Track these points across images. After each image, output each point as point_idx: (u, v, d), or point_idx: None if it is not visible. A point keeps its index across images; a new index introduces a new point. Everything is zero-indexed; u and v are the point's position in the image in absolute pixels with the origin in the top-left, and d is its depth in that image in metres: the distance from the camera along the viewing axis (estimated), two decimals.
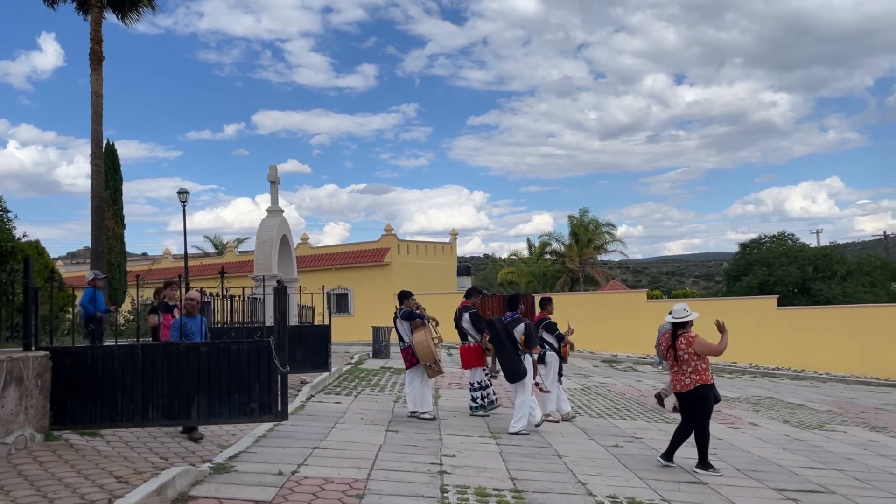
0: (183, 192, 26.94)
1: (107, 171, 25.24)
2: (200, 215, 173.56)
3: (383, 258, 34.17)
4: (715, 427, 11.56)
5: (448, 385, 14.84)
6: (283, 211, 17.47)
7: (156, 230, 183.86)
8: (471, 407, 10.76)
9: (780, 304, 28.32)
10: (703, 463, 7.82)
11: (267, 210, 17.31)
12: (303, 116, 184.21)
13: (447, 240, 40.14)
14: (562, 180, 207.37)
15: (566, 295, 34.17)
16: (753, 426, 12.01)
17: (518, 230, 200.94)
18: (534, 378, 9.60)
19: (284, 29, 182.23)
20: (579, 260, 49.52)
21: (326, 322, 13.11)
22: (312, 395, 11.29)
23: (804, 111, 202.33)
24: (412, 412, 10.11)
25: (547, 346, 10.77)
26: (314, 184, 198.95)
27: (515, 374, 9.39)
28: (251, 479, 6.01)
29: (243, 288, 14.02)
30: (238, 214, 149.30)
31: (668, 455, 8.03)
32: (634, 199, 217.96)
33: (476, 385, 10.73)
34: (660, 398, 13.41)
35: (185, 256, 28.73)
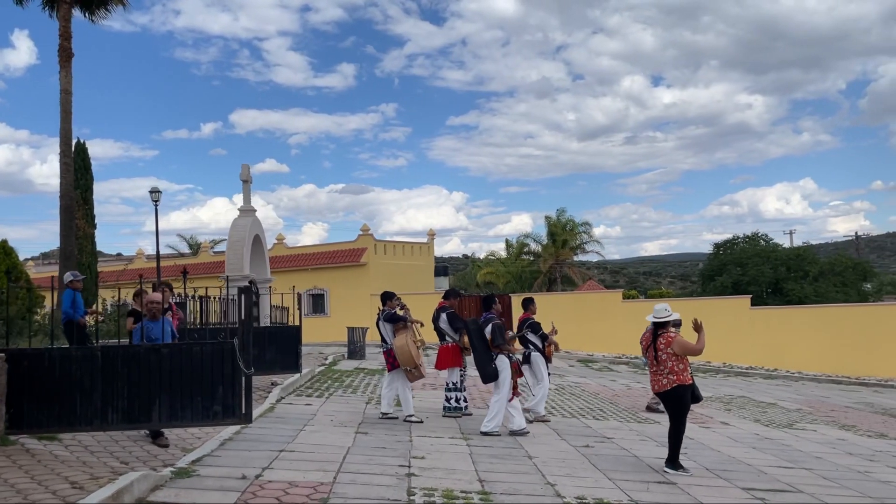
0: (155, 192, 26.58)
1: (77, 169, 24.79)
2: (177, 215, 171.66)
3: (360, 258, 33.99)
4: (687, 426, 11.61)
5: (422, 386, 14.73)
6: (255, 210, 17.29)
7: (131, 230, 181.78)
8: (444, 408, 10.71)
9: (754, 303, 28.60)
10: (673, 462, 7.81)
11: (239, 209, 17.11)
12: (281, 116, 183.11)
13: (425, 240, 40.06)
14: (541, 181, 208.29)
15: (542, 295, 34.20)
16: (725, 425, 12.07)
17: (497, 231, 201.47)
18: (514, 379, 9.56)
19: (262, 28, 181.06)
20: (556, 260, 49.77)
21: (298, 323, 12.94)
22: (283, 397, 11.14)
23: (779, 113, 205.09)
24: (384, 413, 10.02)
25: (531, 347, 10.75)
26: (292, 184, 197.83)
27: (485, 375, 9.44)
28: (213, 483, 5.89)
29: (218, 289, 13.84)
30: (215, 214, 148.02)
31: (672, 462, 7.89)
32: (612, 199, 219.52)
33: (451, 385, 10.69)
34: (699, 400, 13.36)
35: (158, 257, 28.34)
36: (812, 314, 26.30)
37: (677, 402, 7.76)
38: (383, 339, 10.17)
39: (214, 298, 17.09)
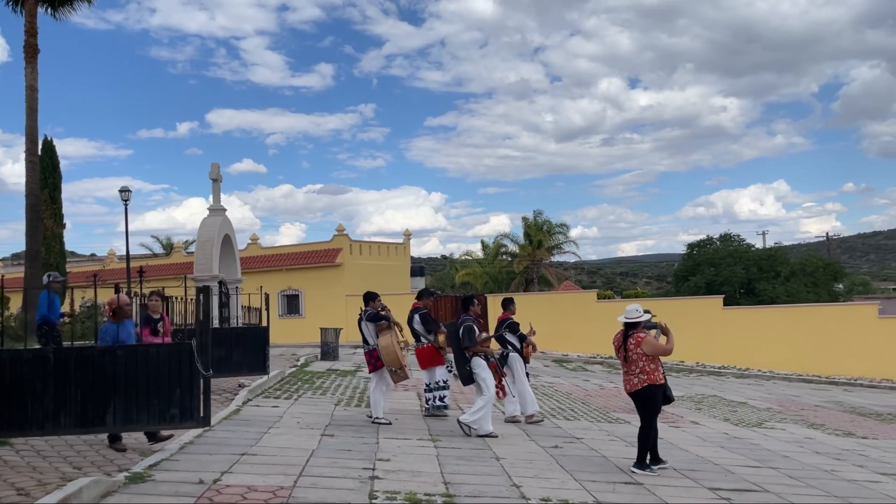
0: (125, 191, 26.14)
1: (44, 168, 24.32)
2: (152, 215, 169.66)
3: (335, 259, 33.75)
4: (658, 426, 11.63)
5: (393, 387, 14.62)
6: (225, 210, 17.03)
7: (105, 230, 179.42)
8: (431, 407, 10.72)
9: (726, 303, 28.83)
10: (641, 462, 7.79)
11: (209, 209, 16.85)
12: (258, 115, 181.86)
13: (401, 240, 39.92)
14: (519, 182, 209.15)
15: (518, 295, 34.13)
16: (695, 425, 12.10)
17: (476, 231, 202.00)
18: (496, 380, 9.50)
19: (239, 27, 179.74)
20: (532, 260, 49.89)
21: (266, 324, 12.75)
22: (250, 399, 10.96)
23: (753, 116, 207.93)
24: (374, 418, 9.88)
25: (509, 347, 10.71)
26: (269, 184, 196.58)
27: (461, 377, 9.45)
28: (168, 488, 5.73)
29: (184, 289, 13.61)
30: (191, 214, 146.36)
31: (655, 459, 7.92)
32: (590, 200, 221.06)
33: (435, 385, 10.69)
34: (670, 401, 13.40)
35: (128, 257, 27.89)
36: (783, 314, 26.57)
37: (648, 401, 7.77)
38: (365, 340, 10.02)
39: (178, 299, 16.84)
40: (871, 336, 24.69)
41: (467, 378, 9.34)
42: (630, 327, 7.81)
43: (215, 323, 14.97)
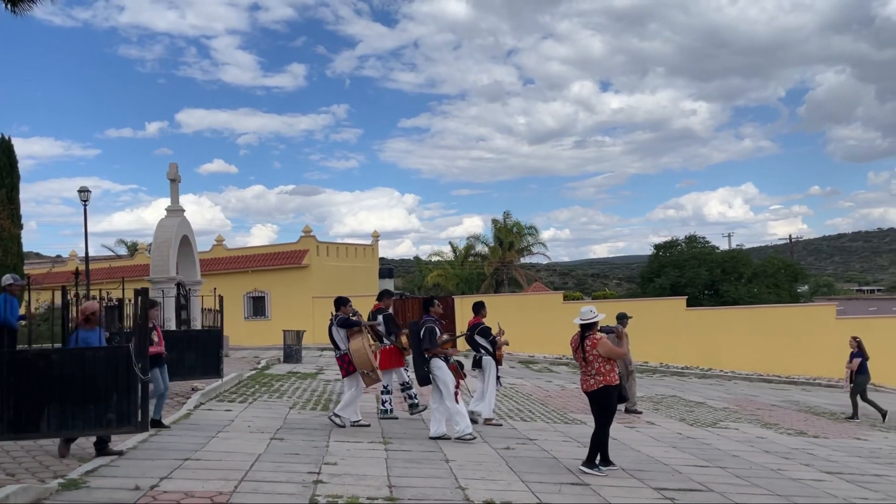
0: (84, 191, 25.66)
1: (1, 168, 23.79)
2: (120, 216, 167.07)
3: (301, 260, 33.51)
4: (613, 426, 11.68)
5: (365, 389, 14.54)
6: (184, 211, 16.77)
7: (72, 231, 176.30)
8: (380, 411, 10.79)
9: (690, 304, 29.17)
10: (590, 462, 7.83)
11: (167, 209, 16.59)
12: (229, 115, 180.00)
13: (369, 242, 39.77)
14: (492, 184, 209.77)
15: (485, 297, 34.18)
16: (650, 425, 12.20)
17: (449, 233, 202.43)
18: (457, 383, 9.48)
19: (210, 25, 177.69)
20: (501, 262, 50.08)
21: (220, 326, 12.60)
22: (202, 403, 10.81)
23: (722, 119, 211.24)
24: (353, 422, 9.85)
25: (482, 351, 10.78)
26: (241, 185, 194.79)
27: (418, 378, 9.46)
28: (102, 495, 5.62)
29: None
30: (160, 215, 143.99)
31: (605, 460, 7.97)
32: (562, 203, 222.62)
33: (384, 388, 10.68)
34: (626, 402, 13.52)
35: (87, 259, 27.38)
36: (744, 315, 26.96)
37: (604, 401, 7.88)
38: (336, 345, 9.95)
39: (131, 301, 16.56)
40: (830, 337, 25.13)
41: (424, 378, 9.36)
42: (586, 329, 7.90)
43: (172, 325, 14.76)
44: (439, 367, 9.32)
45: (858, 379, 15.23)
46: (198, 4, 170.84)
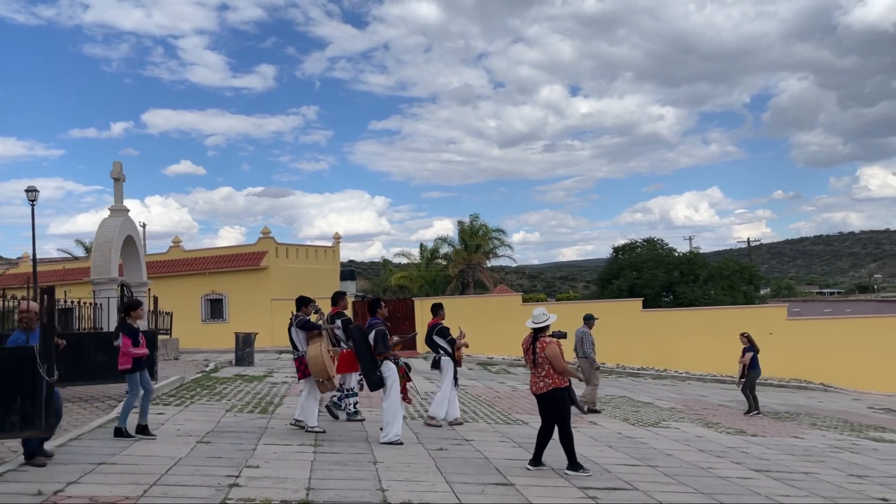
0: (32, 191, 25.06)
1: None
2: (84, 217, 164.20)
3: (260, 262, 33.14)
4: (553, 427, 11.74)
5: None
6: (128, 211, 16.42)
7: (35, 232, 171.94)
8: (347, 412, 10.68)
9: (648, 306, 29.48)
10: (573, 464, 7.86)
11: (110, 209, 16.23)
12: (197, 116, 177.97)
13: (331, 244, 39.52)
14: (462, 187, 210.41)
15: (445, 299, 34.21)
16: (592, 425, 12.26)
17: (419, 235, 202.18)
18: (402, 386, 9.40)
19: (177, 25, 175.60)
20: (467, 264, 50.14)
21: (156, 328, 12.36)
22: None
23: (688, 125, 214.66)
24: (295, 420, 9.74)
25: (441, 352, 10.77)
26: (208, 186, 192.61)
27: (370, 383, 9.31)
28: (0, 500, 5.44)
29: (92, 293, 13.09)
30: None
31: (537, 460, 8.05)
32: (532, 206, 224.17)
33: (348, 391, 10.64)
34: (579, 407, 13.69)
35: (35, 260, 26.73)
36: (698, 316, 27.33)
37: (553, 404, 7.95)
38: (294, 347, 9.80)
39: (86, 304, 16.22)
40: (781, 337, 25.59)
41: (377, 383, 9.22)
42: (538, 331, 7.94)
43: (112, 327, 14.44)
44: (390, 370, 9.25)
45: (750, 373, 15.57)
46: (165, 3, 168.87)
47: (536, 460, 8.12)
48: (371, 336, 9.18)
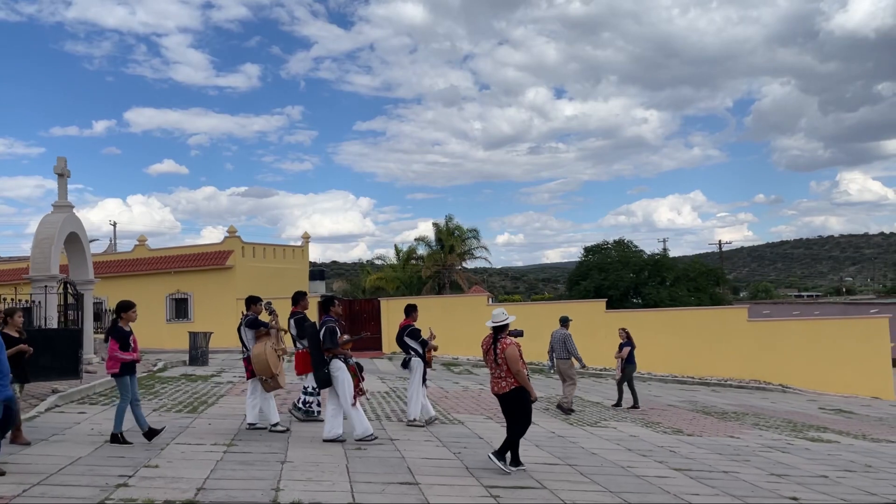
0: None
1: None
2: None
3: (225, 261, 32.86)
4: (488, 425, 11.69)
5: (241, 391, 14.26)
6: (72, 207, 16.16)
7: (13, 232, 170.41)
8: (304, 412, 10.67)
9: (614, 307, 29.53)
10: (502, 455, 8.00)
11: (53, 205, 15.96)
12: (180, 115, 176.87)
13: (300, 243, 39.28)
14: (447, 188, 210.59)
15: (410, 299, 34.10)
16: (533, 424, 12.19)
17: (404, 237, 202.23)
18: (356, 386, 9.31)
19: (161, 23, 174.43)
20: (443, 266, 50.10)
21: (80, 325, 12.16)
22: (58, 406, 10.40)
23: (672, 128, 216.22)
24: (250, 424, 9.62)
25: (412, 352, 10.79)
26: (191, 185, 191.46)
27: (318, 380, 9.32)
28: None
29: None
30: (106, 215, 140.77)
31: (515, 461, 8.11)
32: (517, 208, 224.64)
33: (310, 389, 10.61)
34: (562, 408, 14.01)
35: None
36: (660, 317, 27.39)
37: (517, 402, 8.02)
38: (244, 346, 9.72)
39: (26, 302, 15.96)
40: (741, 339, 25.75)
41: (325, 381, 9.22)
42: (498, 331, 8.01)
43: (53, 324, 14.21)
44: (339, 369, 9.18)
45: (627, 368, 15.86)
46: (148, 1, 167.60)
47: (515, 461, 8.15)
48: (321, 333, 9.16)
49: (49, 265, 14.16)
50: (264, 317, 10.00)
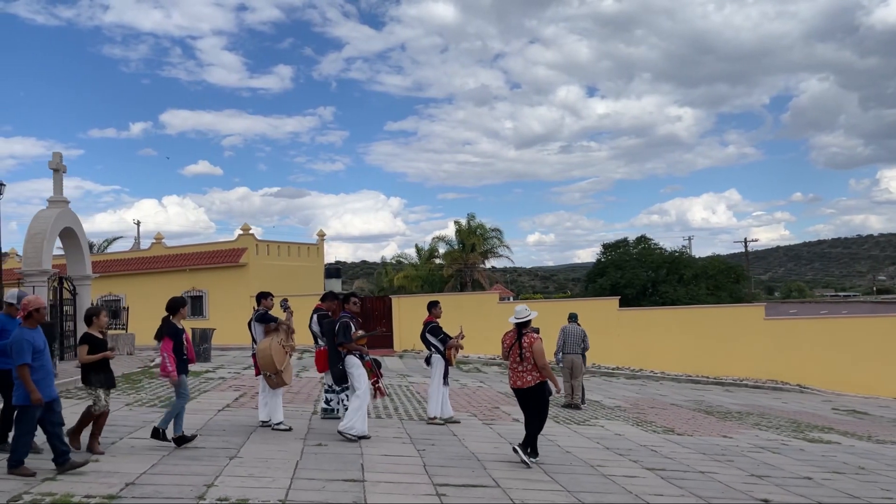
0: None
1: None
2: (102, 217, 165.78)
3: (239, 259, 32.99)
4: (472, 421, 11.41)
5: (228, 387, 14.17)
6: (68, 202, 16.22)
7: None
8: (322, 409, 10.61)
9: (630, 305, 28.96)
10: (525, 446, 8.19)
11: (48, 200, 16.05)
12: (214, 117, 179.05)
13: (315, 241, 39.32)
14: (478, 188, 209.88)
15: (422, 297, 33.85)
16: (515, 422, 11.86)
17: (435, 236, 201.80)
18: (372, 380, 9.18)
19: (195, 26, 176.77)
20: (465, 264, 49.90)
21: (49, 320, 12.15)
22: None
23: (706, 126, 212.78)
24: (262, 422, 9.51)
25: (432, 349, 10.70)
26: (225, 186, 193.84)
27: (333, 377, 9.33)
28: None
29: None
30: (143, 216, 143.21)
31: (534, 452, 8.27)
32: (547, 207, 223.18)
33: (328, 388, 10.53)
34: (572, 405, 14.01)
35: (0, 255, 26.64)
36: (675, 315, 26.75)
37: (540, 397, 8.20)
38: (254, 341, 9.62)
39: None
40: (757, 337, 25.00)
41: (340, 377, 9.16)
42: (522, 326, 8.21)
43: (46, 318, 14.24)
44: (353, 365, 9.05)
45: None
46: (183, 4, 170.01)
47: (534, 453, 8.26)
48: (335, 328, 9.11)
49: (41, 260, 14.21)
50: (278, 312, 9.84)
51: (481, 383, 18.48)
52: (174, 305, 8.21)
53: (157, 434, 7.99)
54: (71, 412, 8.85)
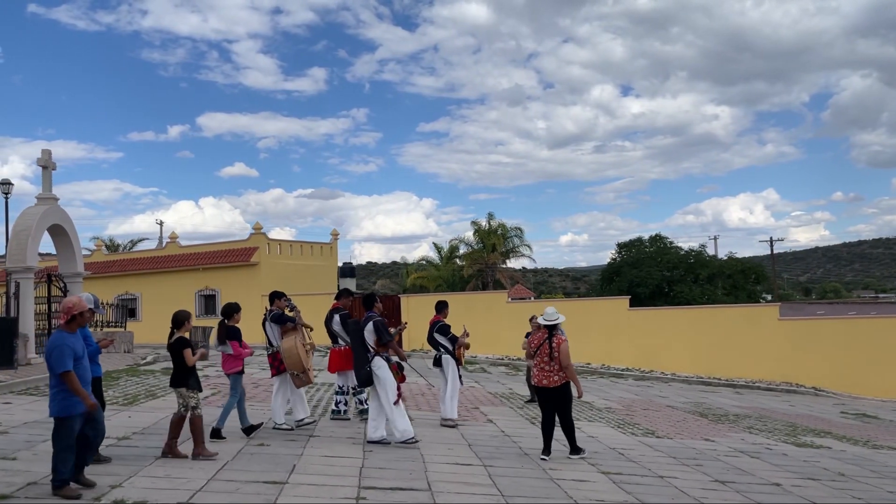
0: (5, 184, 25.33)
1: None
2: (140, 219, 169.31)
3: (250, 258, 33.07)
4: (437, 424, 11.05)
5: (206, 385, 14.01)
6: (56, 199, 16.25)
7: (92, 234, 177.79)
8: (332, 411, 10.54)
9: (643, 305, 28.29)
10: (575, 449, 8.77)
11: (37, 197, 16.09)
12: (250, 119, 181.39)
13: (328, 240, 39.30)
14: (510, 188, 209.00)
15: (431, 296, 33.57)
16: (488, 423, 11.54)
17: (455, 237, 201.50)
18: (398, 382, 8.96)
19: (232, 29, 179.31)
20: (485, 264, 49.52)
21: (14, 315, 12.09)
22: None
23: (744, 124, 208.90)
24: (276, 424, 9.38)
25: (441, 350, 10.56)
26: (260, 188, 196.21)
27: (359, 379, 9.07)
28: None
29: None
30: (181, 217, 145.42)
31: (547, 450, 8.65)
32: (581, 207, 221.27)
33: (339, 389, 10.48)
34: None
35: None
36: (686, 315, 26.05)
37: (564, 396, 8.59)
38: (269, 342, 9.52)
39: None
40: (772, 338, 24.21)
41: (366, 379, 8.96)
42: (552, 328, 8.59)
43: (30, 316, 14.29)
44: (380, 367, 8.86)
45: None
46: (220, 8, 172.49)
47: (547, 450, 8.63)
48: (369, 328, 8.88)
49: (25, 256, 14.25)
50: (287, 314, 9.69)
51: (476, 383, 18.12)
52: (229, 311, 8.77)
53: (218, 434, 8.27)
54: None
